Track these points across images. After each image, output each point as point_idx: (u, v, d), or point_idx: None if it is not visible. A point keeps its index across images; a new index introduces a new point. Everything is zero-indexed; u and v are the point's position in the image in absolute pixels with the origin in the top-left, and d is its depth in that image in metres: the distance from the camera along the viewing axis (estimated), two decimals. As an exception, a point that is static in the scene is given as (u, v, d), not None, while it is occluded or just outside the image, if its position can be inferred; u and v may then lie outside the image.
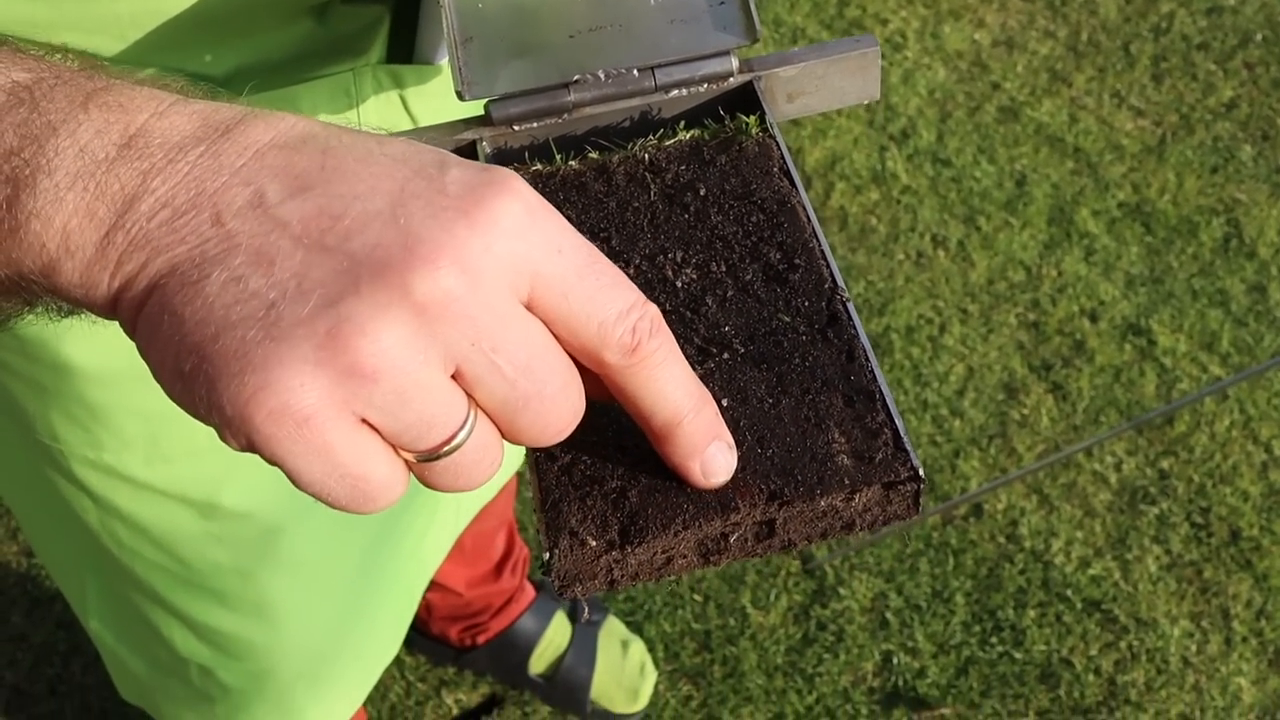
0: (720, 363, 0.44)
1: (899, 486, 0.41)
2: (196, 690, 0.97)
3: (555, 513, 0.41)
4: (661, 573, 0.41)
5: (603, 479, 0.41)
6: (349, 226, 0.34)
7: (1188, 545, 1.65)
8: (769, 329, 0.44)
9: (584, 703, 1.48)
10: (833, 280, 0.46)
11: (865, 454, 0.41)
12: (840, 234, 2.02)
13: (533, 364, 0.35)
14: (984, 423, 1.78)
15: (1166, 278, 1.96)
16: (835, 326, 0.44)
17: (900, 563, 1.63)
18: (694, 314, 0.46)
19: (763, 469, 0.41)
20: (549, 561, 0.40)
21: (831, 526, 0.42)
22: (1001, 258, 1.99)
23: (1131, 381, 1.83)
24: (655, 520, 0.40)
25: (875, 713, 1.50)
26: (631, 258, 0.48)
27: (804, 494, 0.40)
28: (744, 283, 0.46)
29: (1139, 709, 1.51)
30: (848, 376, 0.43)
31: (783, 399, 0.43)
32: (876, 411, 0.42)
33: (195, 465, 0.81)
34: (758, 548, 0.41)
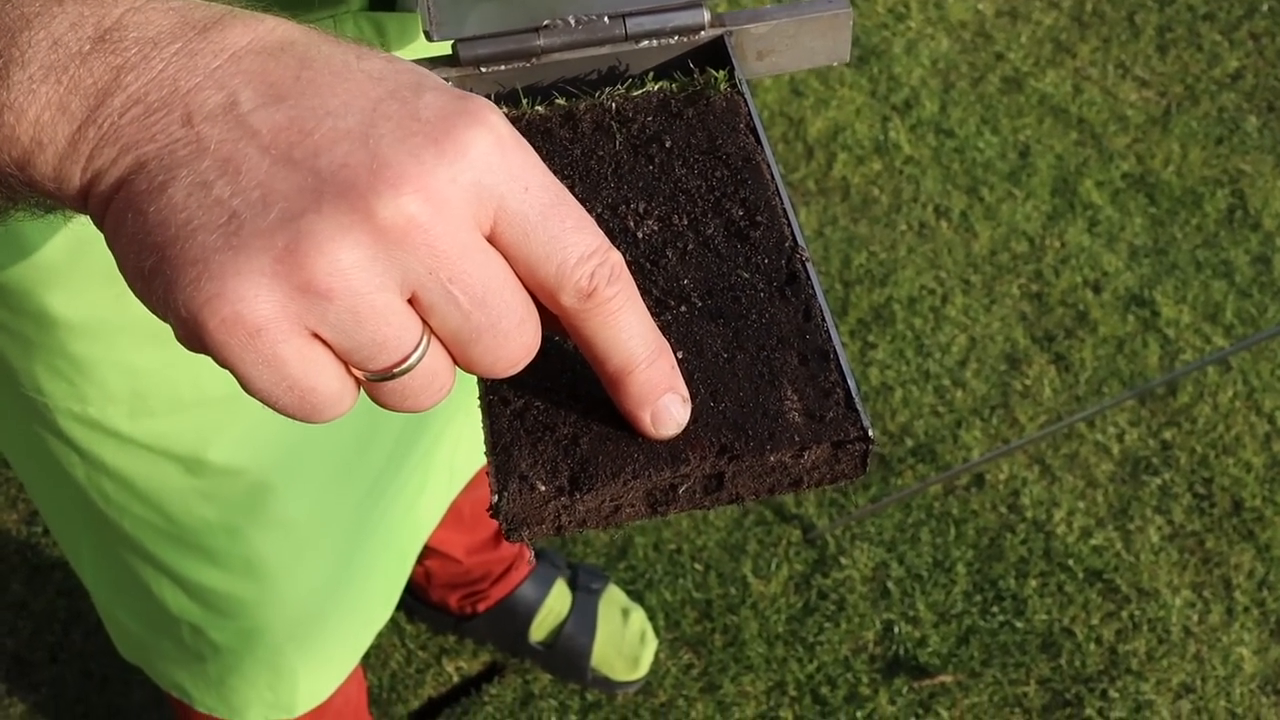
0: (677, 315, 0.44)
1: (847, 446, 0.41)
2: (188, 649, 0.97)
3: (505, 456, 0.41)
4: (609, 520, 0.42)
5: (555, 425, 0.41)
6: (318, 142, 0.33)
7: (1190, 516, 1.64)
8: (728, 284, 0.45)
9: (585, 670, 1.48)
10: (793, 239, 0.46)
11: (816, 412, 0.41)
12: (842, 204, 2.02)
13: (488, 297, 0.35)
14: (986, 393, 1.77)
15: (1170, 249, 1.95)
16: (794, 285, 0.44)
17: (901, 532, 1.62)
18: (653, 266, 0.46)
19: (714, 423, 0.41)
20: (497, 504, 0.40)
21: (779, 482, 0.42)
22: (1004, 228, 1.98)
23: (1134, 353, 1.82)
24: (605, 468, 0.40)
25: (876, 681, 1.50)
26: (594, 206, 0.48)
27: (754, 449, 0.40)
28: (705, 237, 0.46)
29: (1140, 678, 1.50)
30: (804, 335, 0.43)
31: (738, 354, 0.43)
32: (830, 371, 0.42)
33: (180, 420, 0.80)
34: (705, 500, 0.42)
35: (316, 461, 0.89)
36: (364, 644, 1.08)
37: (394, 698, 1.49)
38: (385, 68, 0.36)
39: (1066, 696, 1.49)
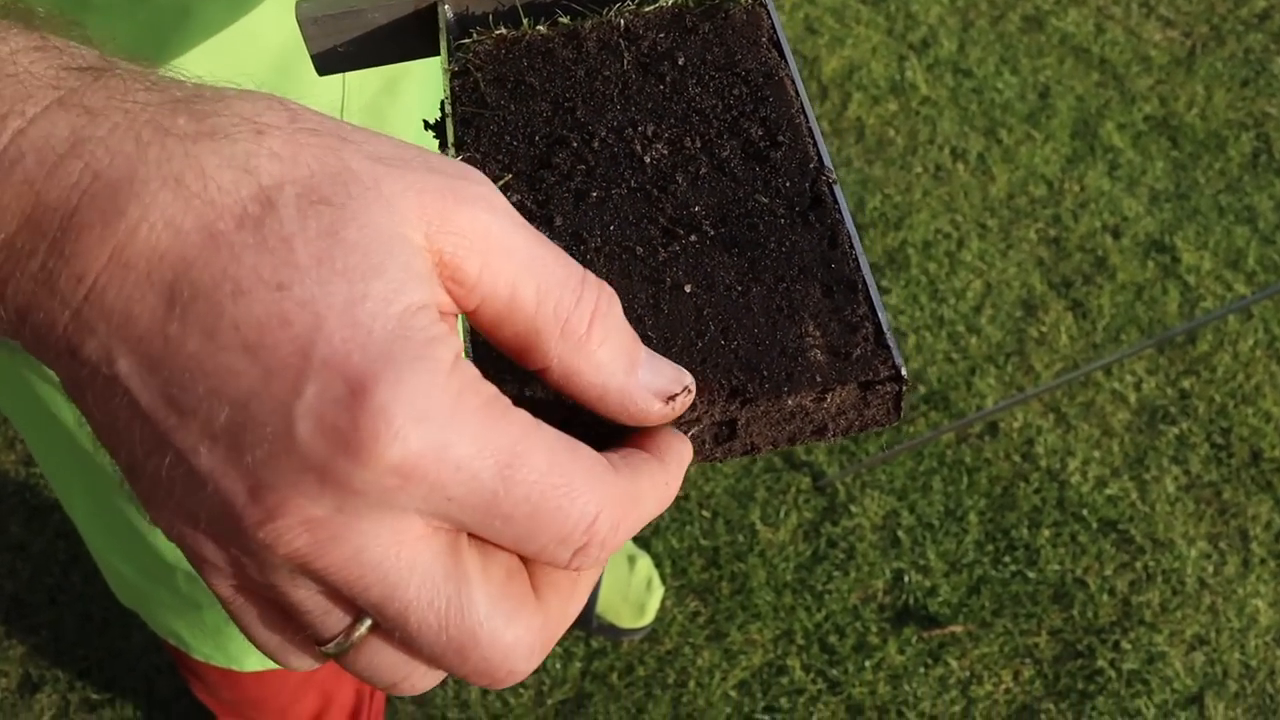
0: (687, 245, 0.40)
1: (877, 387, 0.36)
2: (184, 598, 0.95)
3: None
4: None
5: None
6: (196, 435, 0.27)
7: (1207, 466, 1.62)
8: (744, 210, 0.40)
9: (590, 617, 1.46)
10: (819, 159, 0.42)
11: (841, 350, 0.37)
12: (857, 146, 1.97)
13: (408, 625, 0.29)
14: (1001, 340, 1.73)
15: (1192, 193, 1.91)
16: (818, 209, 0.40)
17: (913, 481, 1.60)
18: (661, 192, 0.41)
19: (725, 363, 0.37)
20: None
21: (801, 430, 0.37)
22: (1023, 172, 1.93)
23: (1154, 300, 1.78)
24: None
25: (885, 630, 1.48)
26: (597, 130, 0.44)
27: (769, 392, 0.36)
28: (720, 160, 0.42)
29: (1153, 629, 1.48)
30: (828, 264, 0.39)
31: (753, 287, 0.38)
32: (858, 303, 0.38)
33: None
34: (717, 451, 0.38)
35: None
36: None
37: (397, 643, 1.47)
38: (264, 331, 0.27)
39: (1078, 647, 1.47)
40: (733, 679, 1.45)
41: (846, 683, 1.44)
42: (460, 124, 0.43)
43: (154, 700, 1.43)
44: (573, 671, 1.45)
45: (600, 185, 0.41)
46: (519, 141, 0.43)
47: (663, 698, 1.43)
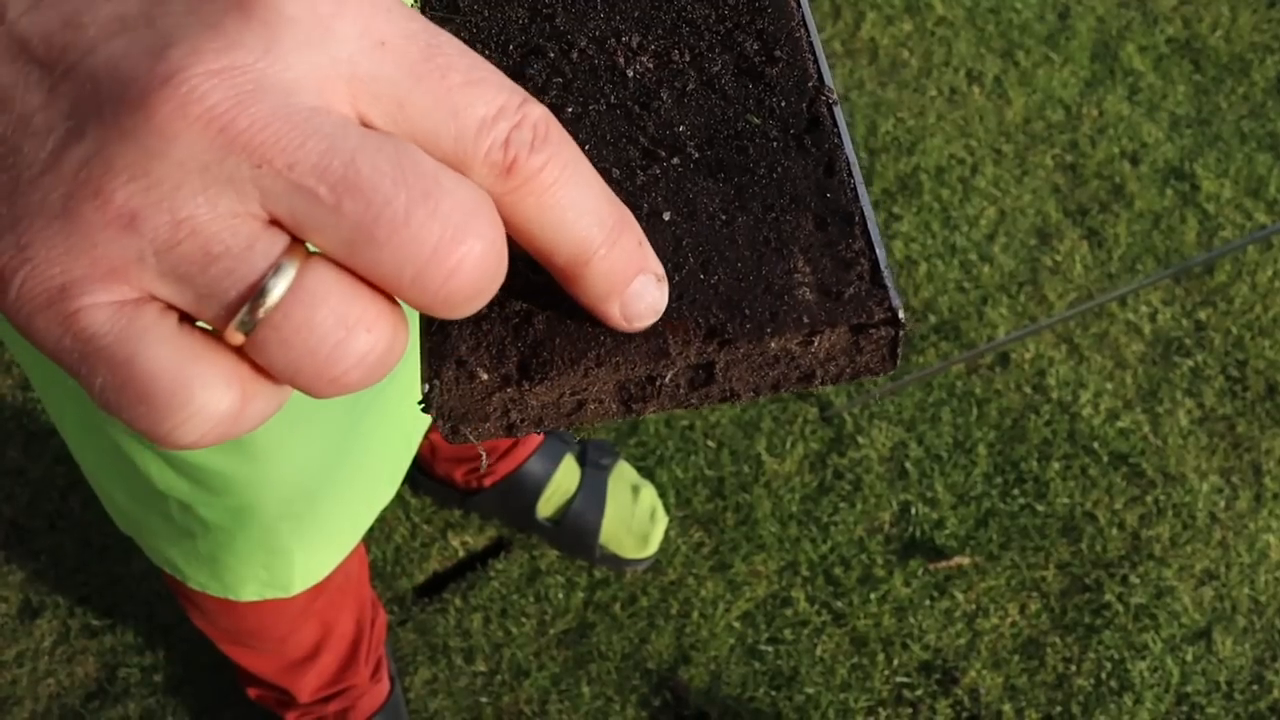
0: (668, 168, 0.36)
1: (871, 330, 0.33)
2: (178, 526, 0.93)
3: (442, 336, 0.33)
4: (572, 419, 0.34)
5: (505, 301, 0.34)
6: (93, 37, 0.25)
7: (1221, 399, 1.59)
8: (733, 131, 0.37)
9: (593, 547, 1.45)
10: (818, 78, 0.38)
11: (833, 288, 0.33)
12: (870, 68, 1.92)
13: (359, 176, 0.25)
14: (1014, 269, 1.70)
15: (1214, 119, 1.85)
16: (815, 133, 0.37)
17: (922, 412, 1.57)
18: (643, 109, 0.38)
19: (703, 300, 0.33)
20: (429, 395, 0.32)
21: (785, 376, 0.34)
22: (1040, 95, 1.88)
23: (1171, 228, 1.74)
24: (563, 353, 0.33)
25: (891, 563, 1.47)
26: (577, 40, 0.40)
27: (750, 332, 0.33)
28: (710, 75, 0.38)
29: (1162, 564, 1.47)
30: (823, 193, 0.35)
31: (739, 216, 0.35)
32: (854, 237, 0.34)
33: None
34: (692, 396, 0.34)
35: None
36: (365, 522, 1.04)
37: (398, 571, 1.46)
38: None
39: (1086, 581, 1.46)
40: (736, 610, 1.44)
41: (851, 615, 1.43)
42: None
43: (155, 625, 1.43)
44: (575, 601, 1.44)
45: (577, 101, 0.38)
46: (492, 50, 0.40)
47: (666, 628, 1.42)
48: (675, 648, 1.41)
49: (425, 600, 1.44)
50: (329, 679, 1.24)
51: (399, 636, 1.42)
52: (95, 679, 1.40)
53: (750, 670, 1.40)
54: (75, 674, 1.40)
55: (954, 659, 1.41)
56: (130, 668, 1.40)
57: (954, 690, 1.39)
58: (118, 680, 1.40)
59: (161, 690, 1.39)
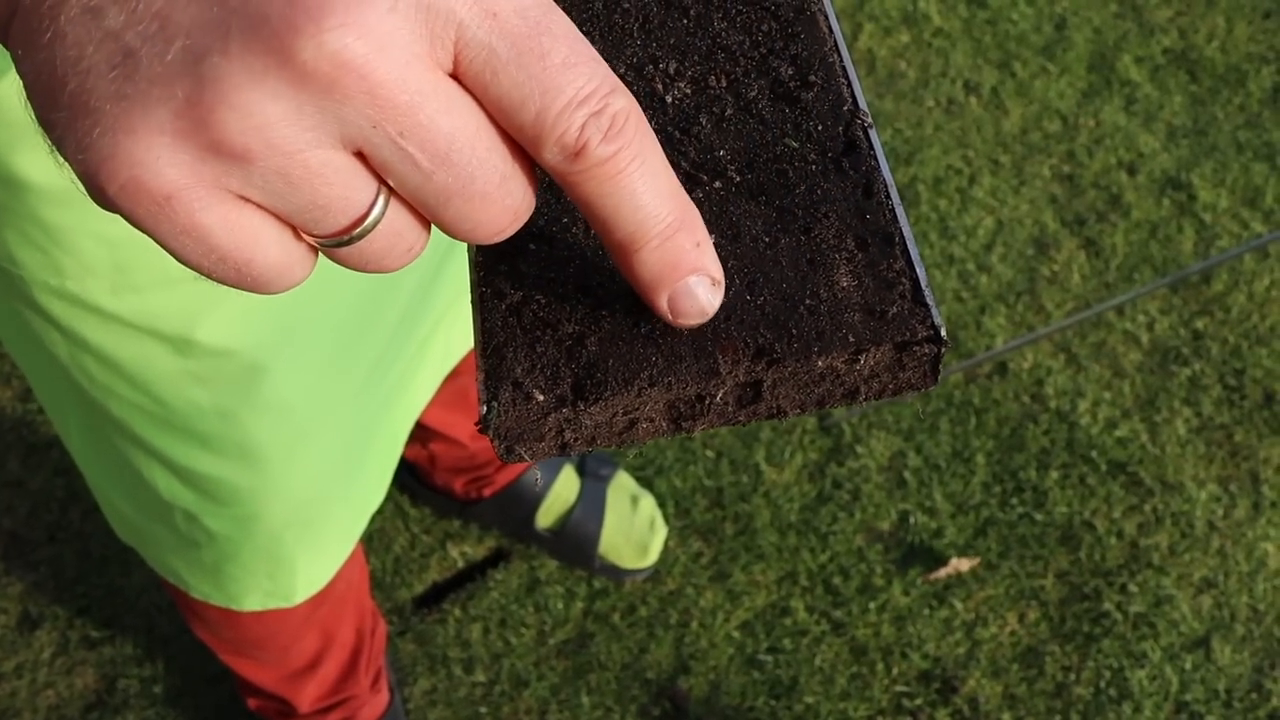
0: (711, 192, 0.37)
1: (914, 348, 0.34)
2: (183, 536, 0.93)
3: (498, 359, 0.34)
4: (624, 438, 0.35)
5: (558, 323, 0.35)
6: None
7: (1219, 408, 1.59)
8: (772, 155, 0.38)
9: (592, 557, 1.45)
10: (854, 101, 0.39)
11: (876, 307, 0.34)
12: (868, 78, 1.92)
13: (453, 153, 0.28)
14: (1012, 279, 1.70)
15: (1210, 129, 1.86)
16: (852, 155, 0.38)
17: (920, 421, 1.58)
18: (684, 135, 0.39)
19: (750, 320, 0.34)
20: (486, 416, 0.34)
21: (831, 393, 0.35)
22: (1037, 106, 1.89)
23: (1169, 238, 1.75)
24: (616, 374, 0.34)
25: (890, 572, 1.47)
26: (615, 67, 0.41)
27: (798, 352, 0.34)
28: (747, 100, 0.39)
29: (1161, 572, 1.47)
30: (863, 215, 0.36)
31: (782, 238, 0.36)
32: (895, 257, 0.35)
33: (167, 297, 0.75)
34: (740, 414, 0.35)
35: (313, 344, 0.83)
36: (360, 528, 1.04)
37: (398, 581, 1.46)
38: None
39: (1085, 590, 1.46)
40: (735, 620, 1.44)
41: (850, 624, 1.43)
42: None
43: (154, 637, 1.42)
44: (575, 611, 1.44)
45: None
46: None
47: (665, 638, 1.42)
48: (675, 657, 1.41)
49: (425, 610, 1.44)
50: (329, 689, 1.24)
51: (398, 647, 1.42)
52: (95, 690, 1.40)
53: (749, 680, 1.40)
54: (75, 685, 1.40)
55: (953, 668, 1.41)
56: (130, 679, 1.40)
57: (953, 699, 1.39)
58: (117, 692, 1.39)
59: (161, 702, 1.39)
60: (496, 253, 0.37)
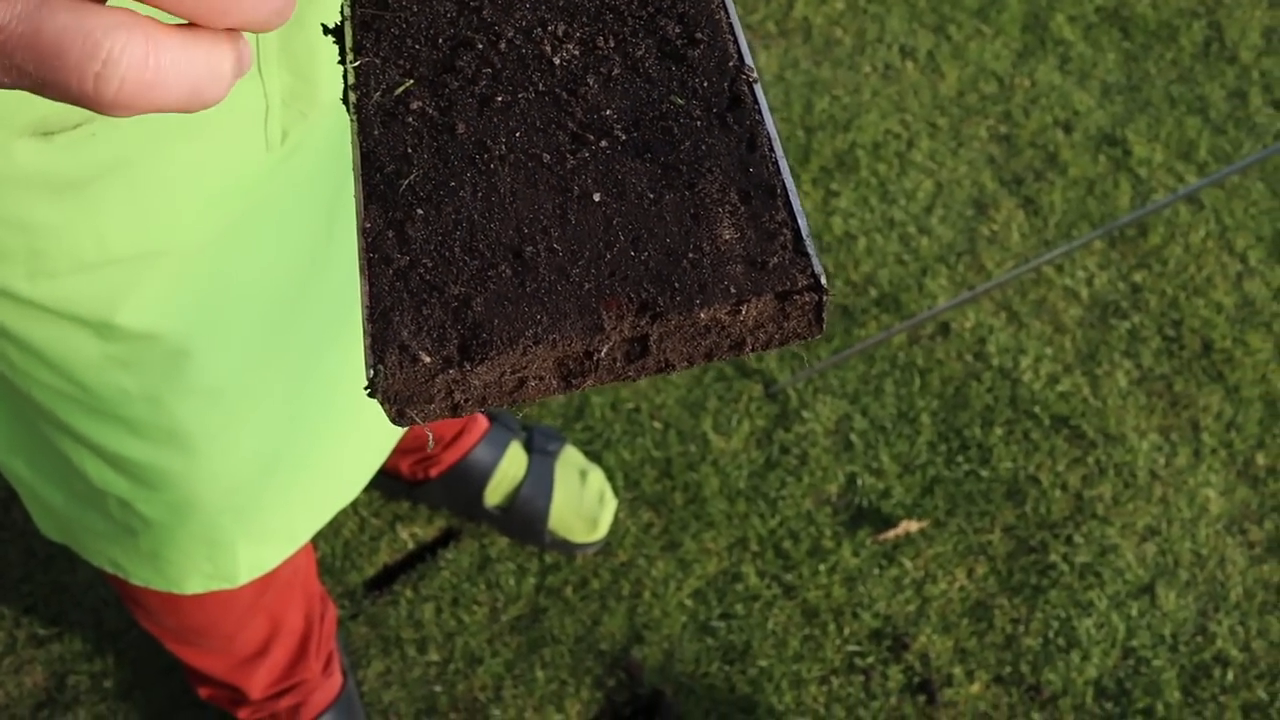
0: (597, 151, 0.38)
1: (796, 297, 0.35)
2: (118, 523, 0.92)
3: (385, 323, 0.35)
4: (515, 397, 0.36)
5: (445, 285, 0.35)
6: None
7: (1159, 359, 1.62)
8: (658, 113, 0.38)
9: (542, 533, 1.45)
10: (739, 57, 0.39)
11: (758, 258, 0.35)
12: (804, 46, 1.93)
13: None
14: (952, 240, 1.72)
15: (1144, 85, 1.88)
16: (737, 110, 0.38)
17: (865, 384, 1.59)
18: (571, 96, 0.39)
19: (634, 275, 0.35)
20: (374, 380, 0.34)
21: (718, 345, 0.36)
22: (973, 68, 1.90)
23: (1105, 194, 1.76)
24: (501, 333, 0.34)
25: (839, 533, 1.48)
26: (504, 30, 0.41)
27: (680, 305, 0.34)
28: (634, 60, 0.40)
29: (1105, 522, 1.49)
30: (746, 168, 0.37)
31: (666, 194, 0.36)
32: (776, 209, 0.36)
33: (84, 281, 0.74)
34: (629, 369, 0.36)
35: (240, 326, 0.83)
36: (320, 519, 1.03)
37: (348, 565, 1.46)
38: None
39: (1031, 543, 1.48)
40: (688, 588, 1.44)
41: (801, 587, 1.45)
42: (360, 27, 0.41)
43: (103, 632, 1.41)
44: (527, 587, 1.44)
45: (506, 90, 0.39)
46: (421, 44, 0.41)
47: (618, 609, 1.43)
48: (628, 628, 1.42)
49: (376, 593, 1.44)
50: (280, 675, 1.24)
51: (350, 630, 1.42)
52: (44, 688, 1.38)
53: (703, 646, 1.41)
54: (24, 684, 1.38)
55: (904, 625, 1.43)
56: (79, 675, 1.39)
57: (905, 656, 1.41)
58: (67, 689, 1.38)
59: (112, 696, 1.38)
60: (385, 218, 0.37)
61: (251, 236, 0.78)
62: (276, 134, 0.75)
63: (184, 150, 0.70)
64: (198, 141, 0.71)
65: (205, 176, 0.73)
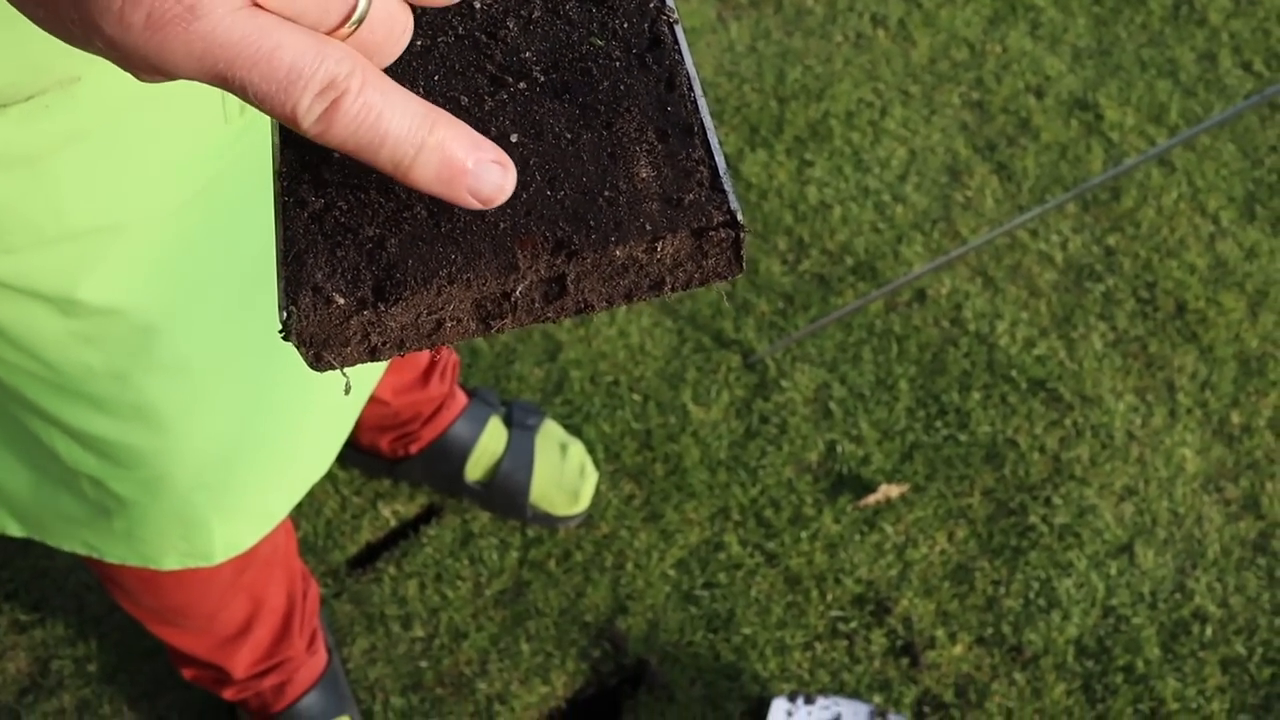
0: (515, 93, 0.38)
1: (711, 234, 0.35)
2: (92, 503, 0.92)
3: (299, 265, 0.35)
4: (433, 339, 0.36)
5: (359, 227, 0.35)
6: None
7: (1133, 320, 1.62)
8: (578, 54, 0.38)
9: (524, 507, 1.45)
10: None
11: (674, 196, 0.35)
12: (775, 17, 1.92)
13: None
14: (927, 207, 1.72)
15: (1114, 49, 1.88)
16: (656, 51, 0.38)
17: (843, 352, 1.59)
18: (490, 39, 0.39)
19: (550, 215, 0.35)
20: (287, 322, 0.34)
21: (637, 284, 0.36)
22: (944, 35, 1.90)
23: (1078, 158, 1.77)
24: (415, 273, 0.34)
25: (820, 501, 1.49)
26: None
27: (595, 243, 0.35)
28: (554, 2, 0.40)
29: (1083, 484, 1.50)
30: (664, 107, 0.37)
31: (584, 134, 0.37)
32: (694, 147, 0.36)
33: (44, 256, 0.73)
34: (548, 310, 0.36)
35: (205, 299, 0.82)
36: (294, 495, 1.03)
37: (330, 545, 1.46)
38: None
39: (1010, 506, 1.49)
40: (670, 558, 1.45)
41: (783, 555, 1.45)
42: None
43: (85, 617, 1.41)
44: (509, 561, 1.45)
45: (426, 34, 0.39)
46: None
47: (601, 581, 1.43)
48: (611, 599, 1.42)
49: (359, 571, 1.44)
50: (263, 653, 1.24)
51: (334, 609, 1.42)
52: (28, 674, 1.39)
53: (687, 615, 1.41)
54: (7, 670, 1.39)
55: (886, 590, 1.43)
56: (63, 659, 1.39)
57: (887, 620, 1.41)
58: (50, 674, 1.38)
59: (96, 680, 1.38)
60: (300, 162, 0.37)
61: (213, 209, 0.78)
62: (235, 105, 0.75)
63: (141, 122, 0.70)
64: (154, 113, 0.71)
65: (163, 148, 0.73)
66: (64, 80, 0.65)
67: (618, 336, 1.60)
